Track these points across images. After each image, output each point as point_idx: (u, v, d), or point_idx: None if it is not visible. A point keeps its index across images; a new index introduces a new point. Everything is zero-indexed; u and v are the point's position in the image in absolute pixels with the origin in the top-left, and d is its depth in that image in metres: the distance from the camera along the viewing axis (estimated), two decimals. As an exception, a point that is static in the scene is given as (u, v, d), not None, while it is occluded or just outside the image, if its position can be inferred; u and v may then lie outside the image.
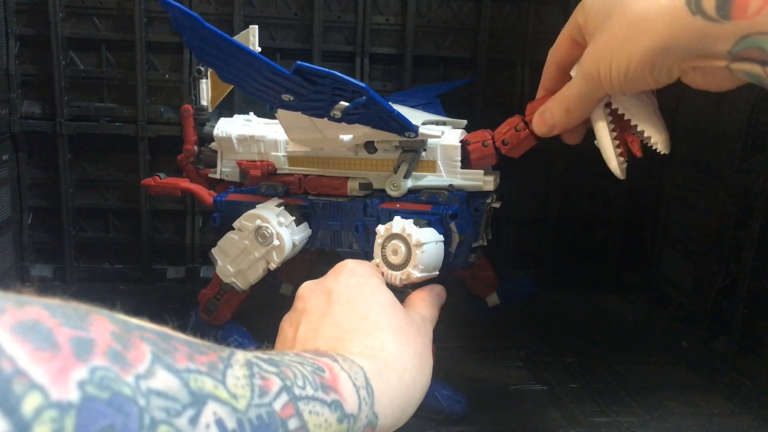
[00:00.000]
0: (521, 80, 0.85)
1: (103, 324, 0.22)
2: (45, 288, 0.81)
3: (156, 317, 0.82)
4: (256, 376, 0.27)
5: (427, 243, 0.50)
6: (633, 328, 0.78)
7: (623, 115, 0.45)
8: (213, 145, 0.64)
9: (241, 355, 0.28)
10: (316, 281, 0.44)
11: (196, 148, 0.66)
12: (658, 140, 0.45)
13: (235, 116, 0.65)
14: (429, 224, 0.52)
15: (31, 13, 0.78)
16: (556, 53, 0.49)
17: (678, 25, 0.36)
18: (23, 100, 0.80)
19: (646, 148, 0.46)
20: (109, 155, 0.84)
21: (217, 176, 0.64)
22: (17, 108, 0.79)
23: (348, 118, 0.48)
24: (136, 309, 0.86)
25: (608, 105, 0.45)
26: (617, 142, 0.46)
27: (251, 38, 0.62)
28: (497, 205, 0.58)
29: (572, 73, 0.46)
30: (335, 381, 0.32)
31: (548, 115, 0.48)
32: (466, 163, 0.55)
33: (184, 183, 0.65)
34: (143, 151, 0.82)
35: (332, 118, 0.48)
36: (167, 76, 0.82)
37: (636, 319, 0.82)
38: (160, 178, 0.66)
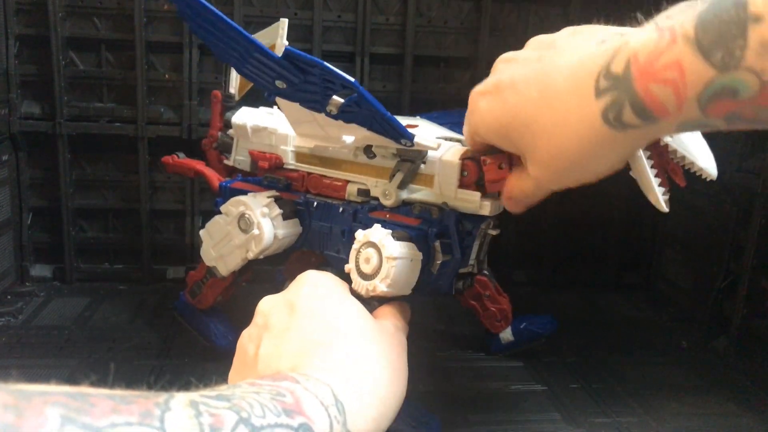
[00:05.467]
0: (521, 80, 0.85)
1: None
2: (45, 288, 0.81)
3: (156, 317, 0.83)
4: (204, 414, 0.24)
5: (399, 258, 0.47)
6: (633, 328, 0.78)
7: (661, 141, 0.40)
8: (231, 132, 0.65)
9: (182, 396, 0.24)
10: (277, 294, 0.42)
11: (219, 134, 0.66)
12: (705, 166, 0.40)
13: (261, 108, 0.65)
14: (410, 239, 0.49)
15: (30, 13, 0.78)
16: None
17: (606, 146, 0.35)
18: (23, 100, 0.80)
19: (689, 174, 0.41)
20: (109, 155, 0.84)
21: (231, 163, 0.65)
22: (17, 108, 0.79)
23: (344, 116, 0.47)
24: (136, 309, 0.87)
25: None
26: (655, 171, 0.41)
27: (280, 31, 0.62)
28: (495, 232, 0.54)
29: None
30: (299, 404, 0.29)
31: (515, 198, 0.46)
32: (481, 183, 0.49)
33: (199, 165, 0.66)
34: (143, 151, 0.82)
35: (329, 114, 0.47)
36: (167, 76, 0.82)
37: (636, 319, 0.82)
38: (178, 158, 0.67)
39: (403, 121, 0.63)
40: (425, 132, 0.59)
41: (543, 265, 0.90)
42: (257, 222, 0.55)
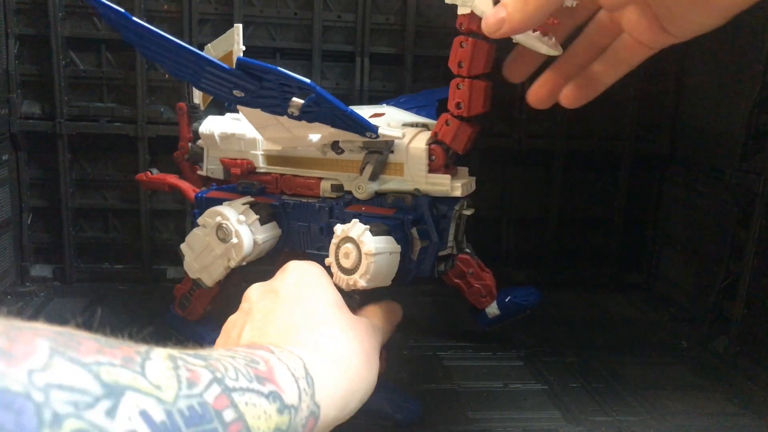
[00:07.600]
0: (521, 80, 0.85)
1: None
2: (45, 288, 0.81)
3: (156, 317, 0.83)
4: (182, 368, 0.26)
5: (378, 254, 0.48)
6: (633, 328, 0.78)
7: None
8: (200, 142, 0.65)
9: (161, 350, 0.26)
10: (264, 282, 0.43)
11: (190, 145, 0.66)
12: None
13: (226, 114, 0.66)
14: (389, 230, 0.50)
15: (31, 12, 0.78)
16: None
17: None
18: (23, 100, 0.80)
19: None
20: (109, 155, 0.84)
21: (204, 173, 0.65)
22: (17, 108, 0.79)
23: (306, 116, 0.47)
24: (136, 309, 0.87)
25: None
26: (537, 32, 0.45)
27: (235, 37, 0.62)
28: (469, 212, 0.56)
29: None
30: (271, 372, 0.31)
31: (501, 8, 0.43)
32: (452, 154, 0.53)
33: (172, 179, 0.67)
34: (143, 151, 0.82)
35: (291, 116, 0.47)
36: (166, 75, 0.82)
37: (636, 319, 0.82)
38: (152, 174, 0.68)
39: (370, 109, 0.64)
40: (392, 119, 0.60)
41: (543, 265, 0.90)
42: (234, 230, 0.55)
